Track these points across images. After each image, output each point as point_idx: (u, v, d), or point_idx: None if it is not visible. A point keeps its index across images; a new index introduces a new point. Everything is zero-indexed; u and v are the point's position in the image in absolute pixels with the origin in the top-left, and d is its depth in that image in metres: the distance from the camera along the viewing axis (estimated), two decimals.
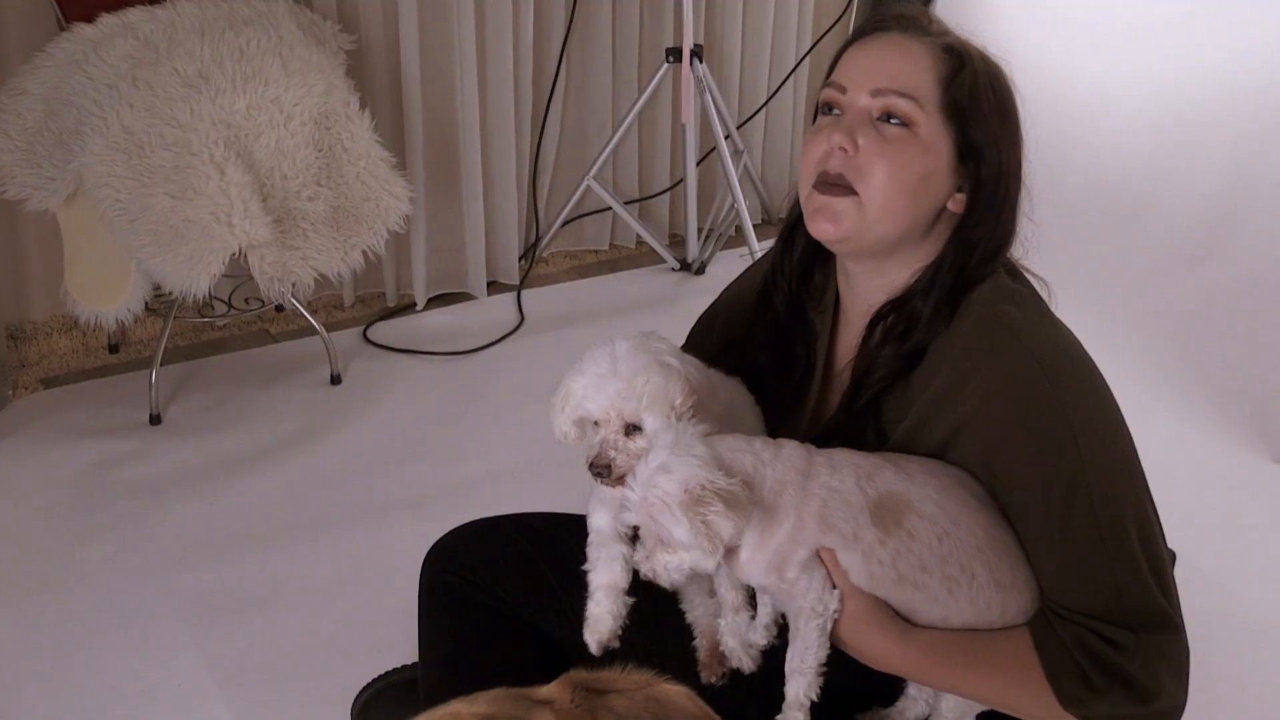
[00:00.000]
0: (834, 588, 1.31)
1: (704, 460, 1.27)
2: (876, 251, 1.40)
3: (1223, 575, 2.33)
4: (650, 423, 1.34)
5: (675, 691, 0.97)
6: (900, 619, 1.32)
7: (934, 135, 1.34)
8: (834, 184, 1.36)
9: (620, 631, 1.42)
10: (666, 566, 1.29)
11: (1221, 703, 2.06)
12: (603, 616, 1.42)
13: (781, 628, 1.38)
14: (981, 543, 1.31)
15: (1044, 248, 1.48)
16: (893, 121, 1.34)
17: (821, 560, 1.31)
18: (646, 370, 1.34)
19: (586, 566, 1.44)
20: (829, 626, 1.32)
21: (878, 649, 1.32)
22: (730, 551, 1.31)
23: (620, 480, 1.34)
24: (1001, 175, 1.37)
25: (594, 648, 1.42)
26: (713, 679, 1.47)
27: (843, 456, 1.34)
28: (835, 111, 1.38)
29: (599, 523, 1.44)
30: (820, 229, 1.38)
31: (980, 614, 1.32)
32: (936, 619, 1.32)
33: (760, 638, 1.42)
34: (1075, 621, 1.29)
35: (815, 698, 1.34)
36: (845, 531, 1.29)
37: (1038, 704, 1.31)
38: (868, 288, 1.45)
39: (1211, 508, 2.56)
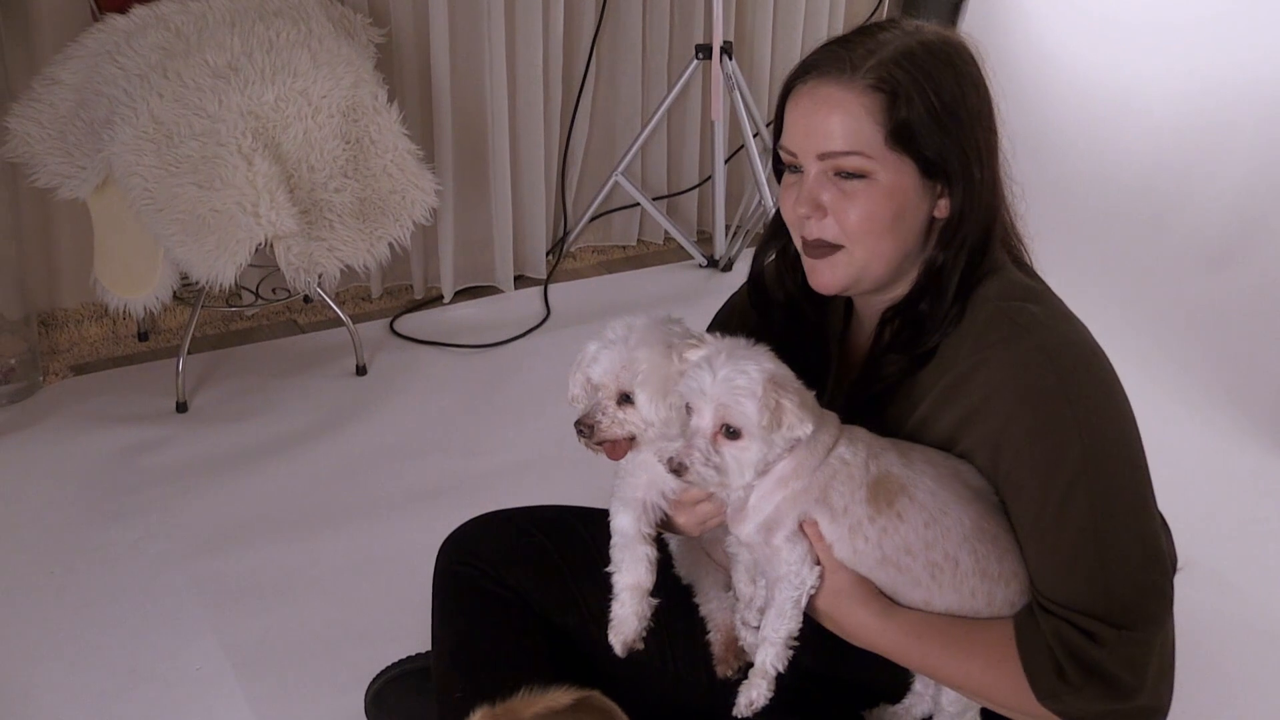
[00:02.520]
0: (816, 563, 1.33)
1: (786, 370, 1.33)
2: (882, 285, 1.43)
3: (1243, 579, 2.30)
4: (643, 399, 1.37)
5: (590, 697, 0.98)
6: (883, 597, 1.34)
7: (892, 173, 1.34)
8: (818, 246, 1.39)
9: (645, 633, 1.43)
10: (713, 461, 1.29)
11: (1239, 708, 2.04)
12: (628, 618, 1.43)
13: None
14: (969, 531, 1.32)
15: (1066, 247, 1.47)
16: (850, 177, 1.35)
17: (805, 534, 1.33)
18: (650, 348, 1.38)
19: (610, 568, 1.45)
20: (804, 600, 1.34)
21: (857, 622, 1.34)
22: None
23: (601, 444, 1.39)
24: (969, 173, 1.36)
25: (619, 649, 1.43)
26: (728, 673, 1.48)
27: (860, 433, 1.37)
28: (798, 169, 1.39)
29: (622, 524, 1.44)
30: (820, 286, 1.42)
31: (964, 601, 1.33)
32: (918, 602, 1.34)
33: (754, 619, 1.42)
34: (1057, 615, 1.28)
35: (782, 668, 1.35)
36: (837, 505, 1.32)
37: (1015, 695, 1.31)
38: (879, 299, 1.47)
39: (1232, 511, 2.53)
